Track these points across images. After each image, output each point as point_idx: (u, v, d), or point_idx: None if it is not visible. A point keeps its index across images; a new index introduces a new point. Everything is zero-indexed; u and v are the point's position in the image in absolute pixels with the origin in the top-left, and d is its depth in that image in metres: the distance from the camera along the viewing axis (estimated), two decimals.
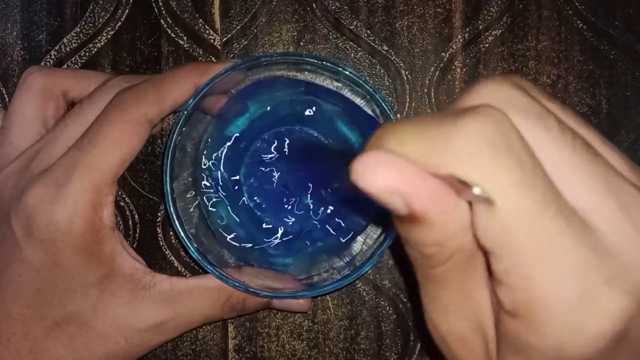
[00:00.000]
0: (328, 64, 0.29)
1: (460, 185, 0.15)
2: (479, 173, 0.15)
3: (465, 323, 0.17)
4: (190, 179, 0.32)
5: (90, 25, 0.35)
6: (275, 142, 0.33)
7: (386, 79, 0.35)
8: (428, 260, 0.17)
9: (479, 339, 0.18)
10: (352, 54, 0.35)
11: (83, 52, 0.35)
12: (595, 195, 0.16)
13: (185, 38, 0.35)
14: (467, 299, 0.17)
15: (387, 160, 0.15)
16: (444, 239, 0.16)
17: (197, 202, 0.32)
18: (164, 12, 0.35)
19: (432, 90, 0.35)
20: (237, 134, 0.33)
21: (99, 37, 0.35)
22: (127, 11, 0.35)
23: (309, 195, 0.33)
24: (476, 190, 0.15)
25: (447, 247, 0.16)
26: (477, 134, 0.15)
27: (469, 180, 0.15)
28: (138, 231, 0.35)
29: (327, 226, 0.33)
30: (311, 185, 0.33)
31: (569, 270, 0.15)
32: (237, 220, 0.33)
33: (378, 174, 0.15)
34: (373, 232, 0.32)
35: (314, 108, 0.33)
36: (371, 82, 0.34)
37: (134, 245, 0.35)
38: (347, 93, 0.32)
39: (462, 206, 0.15)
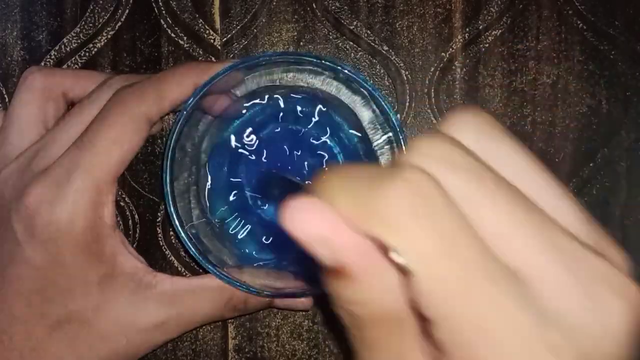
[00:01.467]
0: (327, 63, 0.29)
1: (385, 250, 0.14)
2: (400, 241, 0.14)
3: None
4: (190, 179, 0.32)
5: (90, 25, 0.35)
6: (276, 141, 0.33)
7: (386, 79, 0.35)
8: (356, 320, 0.16)
9: None
10: (352, 54, 0.35)
11: (83, 52, 0.35)
12: (538, 257, 0.15)
13: (185, 38, 0.35)
14: None
15: (318, 209, 0.15)
16: (370, 298, 0.15)
17: (197, 201, 0.32)
18: (164, 12, 0.35)
19: (432, 90, 0.35)
20: (236, 134, 0.33)
21: (99, 37, 0.35)
22: (127, 11, 0.35)
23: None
24: (396, 258, 0.14)
25: (375, 308, 0.15)
26: (399, 199, 0.14)
27: (391, 247, 0.14)
28: (138, 231, 0.35)
29: None
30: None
31: (509, 341, 0.14)
32: (238, 220, 0.33)
33: (308, 221, 0.15)
34: None
35: (313, 108, 0.33)
36: (371, 81, 0.34)
37: (134, 245, 0.35)
38: (347, 92, 0.32)
39: (385, 271, 0.15)
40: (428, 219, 0.14)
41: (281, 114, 0.33)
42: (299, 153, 0.33)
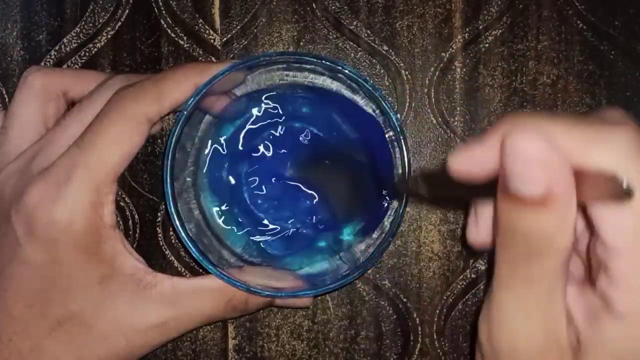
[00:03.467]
0: (327, 63, 0.29)
1: (602, 180, 0.16)
2: (627, 171, 0.16)
3: (544, 332, 0.17)
4: (190, 179, 0.32)
5: (90, 25, 0.35)
6: (276, 140, 0.33)
7: (386, 79, 0.35)
8: (530, 253, 0.17)
9: (554, 350, 0.18)
10: (352, 54, 0.35)
11: (83, 52, 0.35)
12: None
13: (185, 38, 0.35)
14: (554, 303, 0.17)
15: (542, 135, 0.16)
16: (556, 230, 0.16)
17: (197, 201, 0.33)
18: (164, 12, 0.35)
19: (432, 90, 0.35)
20: (237, 134, 0.33)
21: (99, 37, 0.35)
22: (127, 11, 0.35)
23: (308, 195, 0.33)
24: (625, 185, 0.16)
25: (554, 239, 0.16)
26: (630, 140, 0.16)
27: (619, 175, 0.16)
28: (138, 231, 0.35)
29: (326, 226, 0.33)
30: (311, 184, 0.33)
31: None
32: (237, 219, 0.33)
33: (533, 142, 0.16)
34: (373, 232, 0.32)
35: (313, 106, 0.33)
36: (371, 81, 0.34)
37: (134, 245, 0.35)
38: (346, 92, 0.32)
39: (575, 206, 0.16)
40: None
41: (282, 114, 0.33)
42: (300, 151, 0.33)
